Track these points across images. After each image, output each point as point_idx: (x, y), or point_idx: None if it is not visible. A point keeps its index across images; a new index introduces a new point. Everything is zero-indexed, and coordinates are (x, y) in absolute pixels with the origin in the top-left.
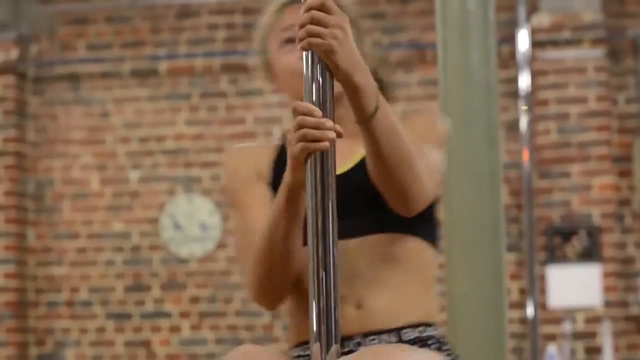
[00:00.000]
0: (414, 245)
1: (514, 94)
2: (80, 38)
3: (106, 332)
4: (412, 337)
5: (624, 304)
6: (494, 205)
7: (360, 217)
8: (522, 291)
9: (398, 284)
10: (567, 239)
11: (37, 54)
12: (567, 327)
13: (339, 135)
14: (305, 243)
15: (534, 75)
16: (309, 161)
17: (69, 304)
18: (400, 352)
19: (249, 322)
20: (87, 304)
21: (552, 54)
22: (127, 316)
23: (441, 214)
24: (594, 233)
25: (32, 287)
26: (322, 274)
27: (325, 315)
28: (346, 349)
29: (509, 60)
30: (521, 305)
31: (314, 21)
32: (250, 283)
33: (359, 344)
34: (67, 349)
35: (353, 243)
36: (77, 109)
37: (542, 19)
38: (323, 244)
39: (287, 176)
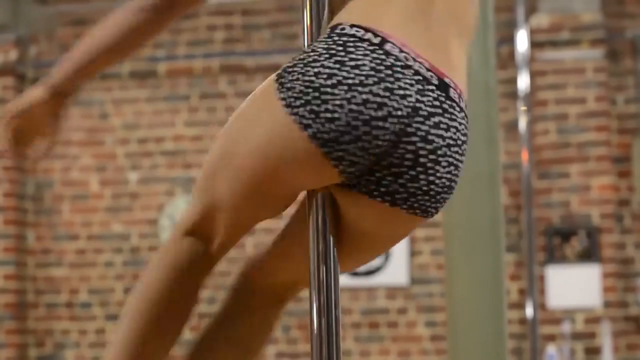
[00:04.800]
0: None
1: (513, 94)
2: (79, 39)
3: (106, 334)
4: None
5: (623, 305)
6: (493, 206)
7: None
8: (522, 292)
9: None
10: (566, 240)
11: (36, 55)
12: (566, 327)
13: None
14: None
15: (533, 75)
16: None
17: (69, 305)
18: None
19: None
20: (87, 305)
21: (551, 54)
22: None
23: (440, 215)
24: (593, 233)
25: (32, 289)
26: (323, 268)
27: (326, 311)
28: None
29: (507, 60)
30: (520, 306)
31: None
32: None
33: None
34: (67, 350)
35: None
36: (76, 110)
37: (541, 20)
38: (324, 240)
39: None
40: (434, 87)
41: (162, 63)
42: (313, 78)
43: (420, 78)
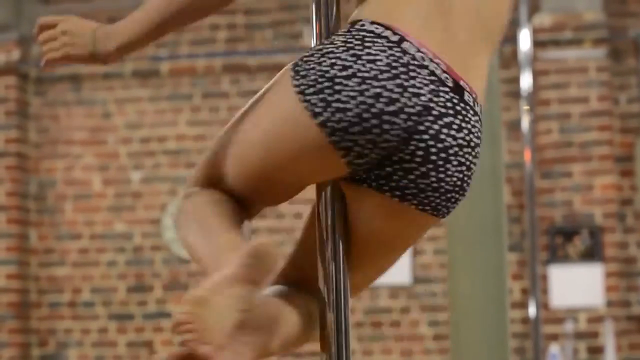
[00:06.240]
0: None
1: (516, 93)
2: None
3: (108, 333)
4: None
5: (626, 304)
6: (495, 205)
7: None
8: (524, 291)
9: None
10: (569, 239)
11: (39, 54)
12: (569, 326)
13: None
14: None
15: (536, 75)
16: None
17: (71, 304)
18: None
19: None
20: (90, 304)
21: (553, 53)
22: (130, 317)
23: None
24: (595, 233)
25: (35, 288)
26: (332, 265)
27: (336, 308)
28: None
29: (510, 60)
30: (523, 305)
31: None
32: None
33: None
34: (70, 349)
35: None
36: (78, 109)
37: (544, 19)
38: (333, 237)
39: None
40: (447, 89)
41: (165, 62)
42: (328, 68)
43: (435, 79)
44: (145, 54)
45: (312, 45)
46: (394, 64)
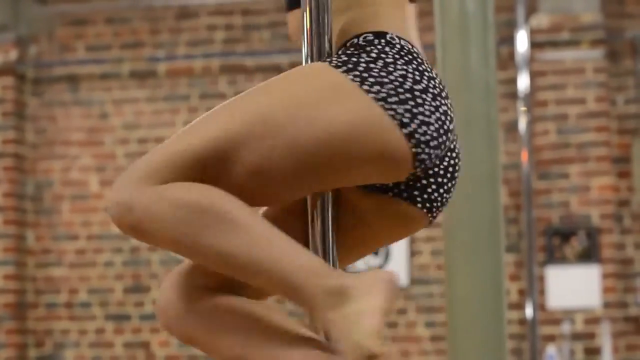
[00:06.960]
0: None
1: (513, 94)
2: (79, 39)
3: (105, 334)
4: None
5: (622, 305)
6: (493, 206)
7: None
8: (521, 292)
9: None
10: (566, 240)
11: (36, 55)
12: (566, 328)
13: None
14: None
15: (533, 76)
16: None
17: (68, 305)
18: None
19: None
20: (86, 305)
21: (551, 54)
22: (127, 317)
23: (440, 215)
24: (593, 234)
25: (31, 289)
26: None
27: None
28: None
29: (508, 61)
30: (520, 306)
31: None
32: None
33: None
34: (67, 350)
35: None
36: (76, 110)
37: (541, 20)
38: (323, 241)
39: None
40: (448, 100)
41: (162, 63)
42: (401, 80)
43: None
44: (142, 54)
45: (305, 49)
46: (440, 83)
